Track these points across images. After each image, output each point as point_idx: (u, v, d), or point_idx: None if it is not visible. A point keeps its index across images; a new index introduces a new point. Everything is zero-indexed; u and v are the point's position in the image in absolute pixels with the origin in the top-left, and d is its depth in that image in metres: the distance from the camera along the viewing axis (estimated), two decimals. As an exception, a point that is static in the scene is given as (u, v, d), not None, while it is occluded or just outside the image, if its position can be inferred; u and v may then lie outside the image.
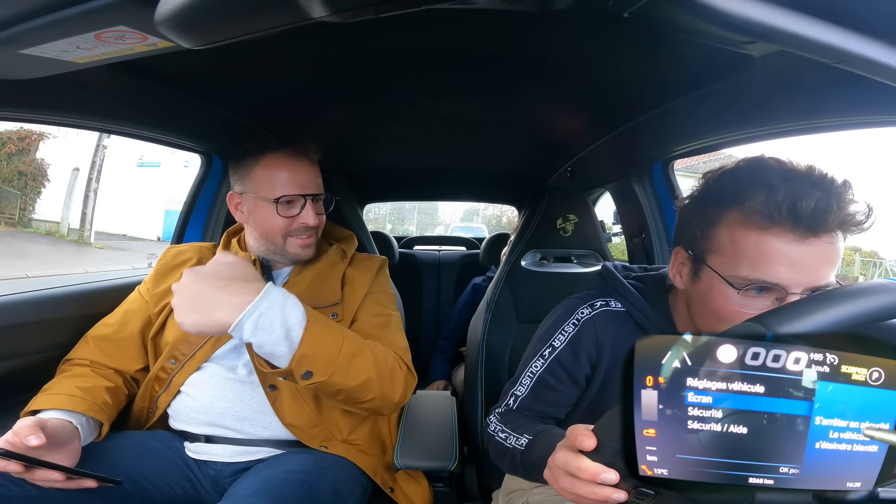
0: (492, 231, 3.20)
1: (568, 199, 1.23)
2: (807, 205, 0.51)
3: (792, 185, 0.53)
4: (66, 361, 0.89)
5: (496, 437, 0.72)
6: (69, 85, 0.68)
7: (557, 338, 0.74)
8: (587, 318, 0.73)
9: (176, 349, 0.89)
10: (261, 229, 0.91)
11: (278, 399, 0.86)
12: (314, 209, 0.92)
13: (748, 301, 0.56)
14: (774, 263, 0.54)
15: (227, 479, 0.84)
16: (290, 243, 0.91)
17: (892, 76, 0.36)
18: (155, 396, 0.89)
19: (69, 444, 0.72)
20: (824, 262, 0.53)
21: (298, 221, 0.90)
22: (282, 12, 0.39)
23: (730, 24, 0.33)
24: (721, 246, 0.58)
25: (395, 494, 0.90)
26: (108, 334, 0.92)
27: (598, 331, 0.72)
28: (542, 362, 0.74)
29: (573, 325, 0.73)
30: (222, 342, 0.89)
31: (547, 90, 0.96)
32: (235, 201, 0.94)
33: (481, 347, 1.17)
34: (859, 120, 0.69)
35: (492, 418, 0.76)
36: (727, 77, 0.72)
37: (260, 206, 0.90)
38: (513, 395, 0.76)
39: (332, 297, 0.93)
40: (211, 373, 0.87)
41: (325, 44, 0.76)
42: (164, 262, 1.00)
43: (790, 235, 0.53)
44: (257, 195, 0.89)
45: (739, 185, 0.57)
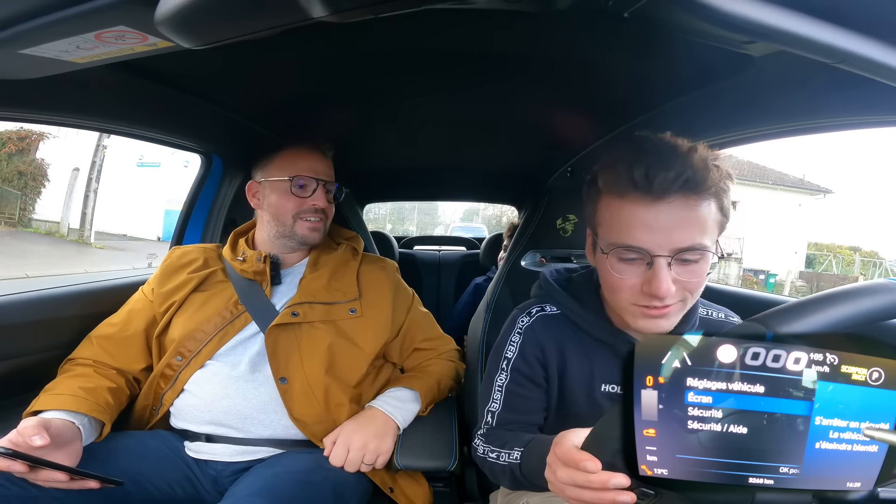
0: (492, 231, 3.21)
1: (568, 199, 1.23)
2: (653, 172, 0.58)
3: (646, 156, 0.60)
4: (69, 361, 0.89)
5: (488, 459, 0.73)
6: (69, 85, 0.68)
7: (509, 349, 0.78)
8: (527, 326, 0.77)
9: (182, 346, 0.90)
10: (273, 211, 0.97)
11: (288, 392, 0.87)
12: (325, 195, 0.99)
13: (625, 268, 0.63)
14: (634, 228, 0.60)
15: (226, 479, 0.84)
16: (300, 225, 0.97)
17: (892, 76, 0.36)
18: (160, 393, 0.89)
19: (71, 444, 0.72)
20: (679, 224, 0.59)
21: (309, 202, 0.96)
22: (282, 12, 0.39)
23: (730, 24, 0.33)
24: (601, 219, 0.66)
25: (394, 494, 0.90)
26: (112, 333, 0.93)
27: (538, 336, 0.76)
28: (504, 375, 0.77)
29: (518, 334, 0.78)
30: (227, 339, 0.90)
31: (547, 90, 0.96)
32: (253, 190, 1.01)
33: (481, 347, 1.17)
34: (859, 120, 0.69)
35: (477, 442, 0.77)
36: (727, 77, 0.72)
37: (275, 188, 0.97)
38: (489, 413, 0.78)
39: (350, 293, 0.98)
40: (214, 371, 0.88)
41: (325, 44, 0.76)
42: (169, 262, 1.02)
43: (642, 201, 0.59)
44: (274, 178, 0.97)
45: (608, 162, 0.64)
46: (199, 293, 0.96)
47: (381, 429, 0.88)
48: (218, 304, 0.93)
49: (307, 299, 0.93)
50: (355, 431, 0.86)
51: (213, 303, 0.94)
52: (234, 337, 0.91)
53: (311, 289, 0.95)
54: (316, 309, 0.93)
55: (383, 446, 0.87)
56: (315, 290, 0.95)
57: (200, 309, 0.93)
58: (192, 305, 0.94)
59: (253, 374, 0.88)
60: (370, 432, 0.87)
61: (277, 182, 0.96)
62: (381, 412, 0.91)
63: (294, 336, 0.90)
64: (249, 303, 0.93)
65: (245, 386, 0.87)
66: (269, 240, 0.99)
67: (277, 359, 0.88)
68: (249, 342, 0.91)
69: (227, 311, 0.92)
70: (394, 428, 0.90)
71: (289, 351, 0.89)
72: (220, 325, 0.91)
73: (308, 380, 0.88)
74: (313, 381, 0.88)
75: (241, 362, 0.89)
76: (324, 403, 0.88)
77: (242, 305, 0.93)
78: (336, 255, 1.03)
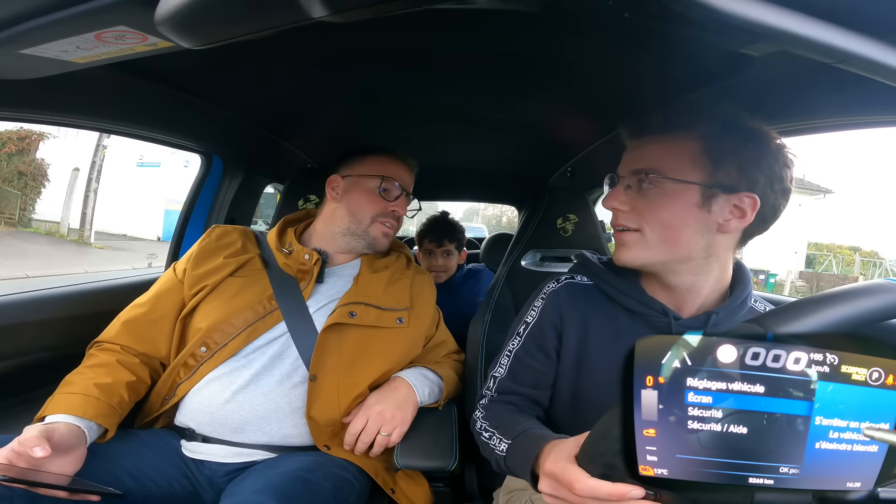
0: (492, 231, 3.21)
1: (568, 199, 1.23)
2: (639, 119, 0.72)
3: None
4: (96, 344, 0.88)
5: (482, 437, 0.72)
6: (69, 85, 0.68)
7: (530, 314, 0.78)
8: (552, 291, 0.77)
9: (209, 336, 0.87)
10: (354, 207, 0.97)
11: (315, 389, 0.86)
12: (405, 205, 1.01)
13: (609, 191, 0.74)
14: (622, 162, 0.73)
15: (221, 479, 0.84)
16: (375, 227, 0.97)
17: (892, 76, 0.36)
18: (177, 383, 0.87)
19: (76, 450, 0.71)
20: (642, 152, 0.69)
21: (391, 207, 0.98)
22: (281, 12, 0.39)
23: (730, 24, 0.33)
24: None
25: (395, 495, 0.90)
26: (140, 315, 0.90)
27: (560, 301, 0.76)
28: (518, 340, 0.78)
29: (541, 299, 0.78)
30: (255, 336, 0.87)
31: (547, 90, 0.96)
32: (335, 183, 1.01)
33: (481, 347, 1.17)
34: (859, 120, 0.69)
35: (477, 415, 0.77)
36: (727, 77, 0.72)
37: (362, 184, 0.98)
38: (492, 378, 0.79)
39: (402, 302, 0.98)
40: (227, 371, 0.86)
41: (325, 43, 0.76)
42: (207, 242, 0.97)
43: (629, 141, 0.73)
44: (363, 174, 0.98)
45: None
46: (234, 278, 0.92)
47: (402, 400, 0.88)
48: (251, 296, 0.90)
49: (363, 300, 0.92)
50: (377, 403, 0.86)
51: (246, 294, 0.90)
52: (263, 335, 0.88)
53: (369, 291, 0.94)
54: (370, 312, 0.92)
55: (402, 417, 0.86)
56: (373, 293, 0.94)
57: (233, 298, 0.90)
58: (226, 292, 0.90)
59: (266, 378, 0.86)
60: (392, 402, 0.87)
61: (366, 179, 0.97)
62: (405, 382, 0.90)
63: (337, 336, 0.89)
64: (283, 299, 0.90)
65: (254, 391, 0.85)
66: (333, 235, 0.98)
67: (320, 356, 0.87)
68: (272, 344, 0.88)
69: (260, 305, 0.89)
70: (414, 402, 0.89)
71: (330, 349, 0.87)
72: (251, 320, 0.88)
73: (338, 382, 0.87)
74: (342, 385, 0.87)
75: (257, 364, 0.86)
76: (344, 408, 0.87)
77: (276, 301, 0.90)
78: (392, 260, 1.03)
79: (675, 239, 0.65)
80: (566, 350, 0.74)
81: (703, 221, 0.63)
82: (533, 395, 0.76)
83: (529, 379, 0.76)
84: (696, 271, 0.67)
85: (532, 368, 0.76)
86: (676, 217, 0.64)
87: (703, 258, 0.66)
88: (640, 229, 0.66)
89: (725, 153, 0.62)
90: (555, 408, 0.77)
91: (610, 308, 0.73)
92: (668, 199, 0.64)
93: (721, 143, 0.62)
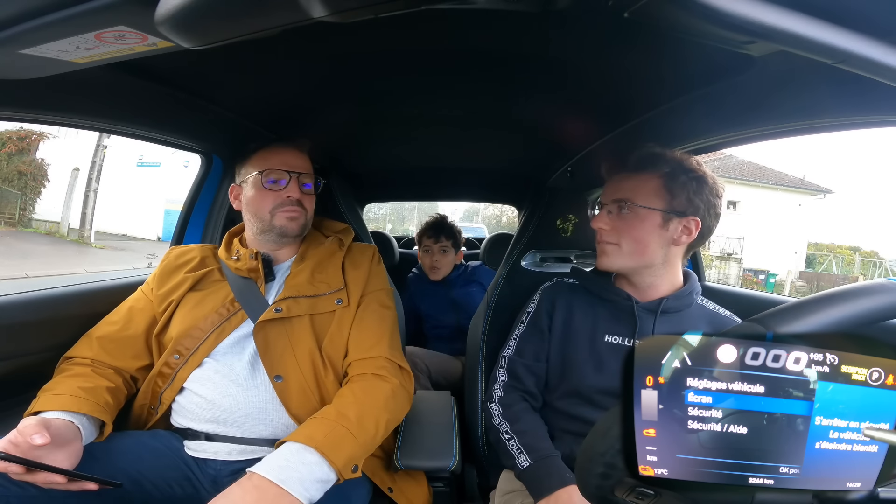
0: (492, 231, 3.20)
1: (568, 199, 1.23)
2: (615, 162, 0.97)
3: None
4: (67, 360, 0.89)
5: (502, 437, 0.90)
6: (69, 85, 0.68)
7: (531, 305, 1.04)
8: (547, 286, 1.05)
9: (179, 344, 0.90)
10: (253, 209, 0.98)
11: (286, 390, 0.87)
12: (300, 186, 0.99)
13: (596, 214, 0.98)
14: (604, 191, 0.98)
15: (225, 479, 0.84)
16: (278, 217, 0.97)
17: (892, 76, 0.36)
18: (159, 392, 0.89)
19: (71, 444, 0.72)
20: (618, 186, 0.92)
21: (284, 194, 0.97)
22: (281, 12, 0.39)
23: (730, 24, 0.33)
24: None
25: (394, 495, 0.90)
26: (112, 332, 0.93)
27: (552, 293, 1.03)
28: (522, 326, 1.03)
29: (539, 293, 1.05)
30: (224, 336, 0.90)
31: (547, 90, 0.96)
32: (235, 192, 1.04)
33: (481, 347, 1.17)
34: (859, 120, 0.69)
35: (494, 408, 0.95)
36: (727, 77, 0.72)
37: (252, 186, 0.99)
38: (503, 358, 1.01)
39: (335, 283, 0.98)
40: (215, 370, 0.88)
41: (324, 44, 0.76)
42: (167, 263, 1.02)
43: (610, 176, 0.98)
44: (249, 174, 0.99)
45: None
46: (196, 292, 0.96)
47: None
48: (214, 302, 0.94)
49: (291, 294, 0.93)
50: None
51: (209, 301, 0.94)
52: (231, 334, 0.91)
53: (295, 283, 0.95)
54: (301, 303, 0.93)
55: None
56: (299, 285, 0.95)
57: (197, 307, 0.93)
58: (189, 304, 0.94)
59: (252, 372, 0.88)
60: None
61: (253, 178, 0.98)
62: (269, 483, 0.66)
63: (284, 332, 0.90)
64: (245, 300, 0.93)
65: (246, 384, 0.87)
66: (255, 238, 1.00)
67: (270, 356, 0.88)
68: (247, 340, 0.91)
69: (223, 308, 0.93)
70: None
71: (280, 348, 0.89)
72: (217, 323, 0.91)
73: (303, 375, 0.88)
74: (308, 376, 0.88)
75: (241, 361, 0.89)
76: (319, 398, 0.89)
77: (238, 303, 0.93)
78: (322, 247, 1.03)
79: (643, 250, 0.88)
80: (556, 327, 0.98)
81: (663, 237, 0.87)
82: (532, 365, 0.98)
83: (531, 353, 0.99)
84: (656, 273, 0.91)
85: (532, 344, 0.99)
86: (645, 234, 0.87)
87: (661, 264, 0.90)
88: (618, 243, 0.89)
89: (678, 187, 0.85)
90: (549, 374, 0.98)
91: (589, 297, 0.98)
92: (639, 221, 0.87)
93: (675, 181, 0.86)
